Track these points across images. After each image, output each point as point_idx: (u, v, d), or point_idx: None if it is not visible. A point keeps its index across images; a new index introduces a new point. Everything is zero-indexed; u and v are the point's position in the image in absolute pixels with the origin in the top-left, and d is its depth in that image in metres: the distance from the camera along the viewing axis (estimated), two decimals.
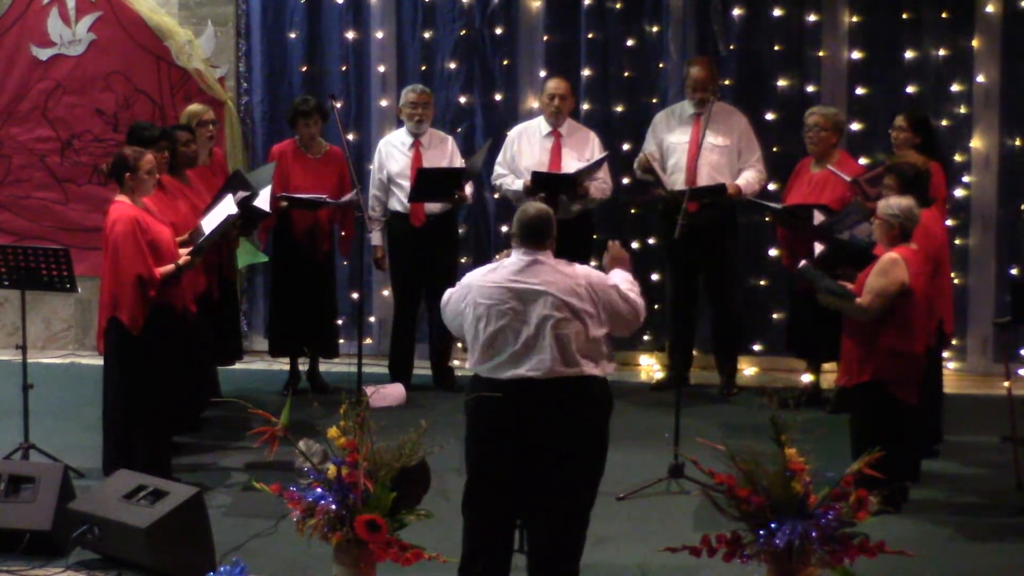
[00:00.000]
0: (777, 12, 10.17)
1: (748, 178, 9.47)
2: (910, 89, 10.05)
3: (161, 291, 7.39)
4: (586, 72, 10.34)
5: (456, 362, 9.94)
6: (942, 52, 10.05)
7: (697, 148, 9.21)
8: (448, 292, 5.99)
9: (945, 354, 8.88)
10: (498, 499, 5.76)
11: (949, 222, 9.59)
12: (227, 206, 7.84)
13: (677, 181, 9.42)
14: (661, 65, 10.31)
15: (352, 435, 5.62)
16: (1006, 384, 8.20)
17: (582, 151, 9.55)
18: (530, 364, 5.67)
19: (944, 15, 10.03)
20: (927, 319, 7.37)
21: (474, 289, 5.80)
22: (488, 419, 5.67)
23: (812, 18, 10.17)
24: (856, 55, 10.14)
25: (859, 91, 10.13)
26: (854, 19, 10.13)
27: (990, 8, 9.99)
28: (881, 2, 10.11)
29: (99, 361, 7.73)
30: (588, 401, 5.74)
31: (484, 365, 5.75)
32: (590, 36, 10.36)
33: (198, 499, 6.58)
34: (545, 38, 10.43)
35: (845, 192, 8.84)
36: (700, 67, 9.57)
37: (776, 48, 10.19)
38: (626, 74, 10.36)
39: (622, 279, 5.98)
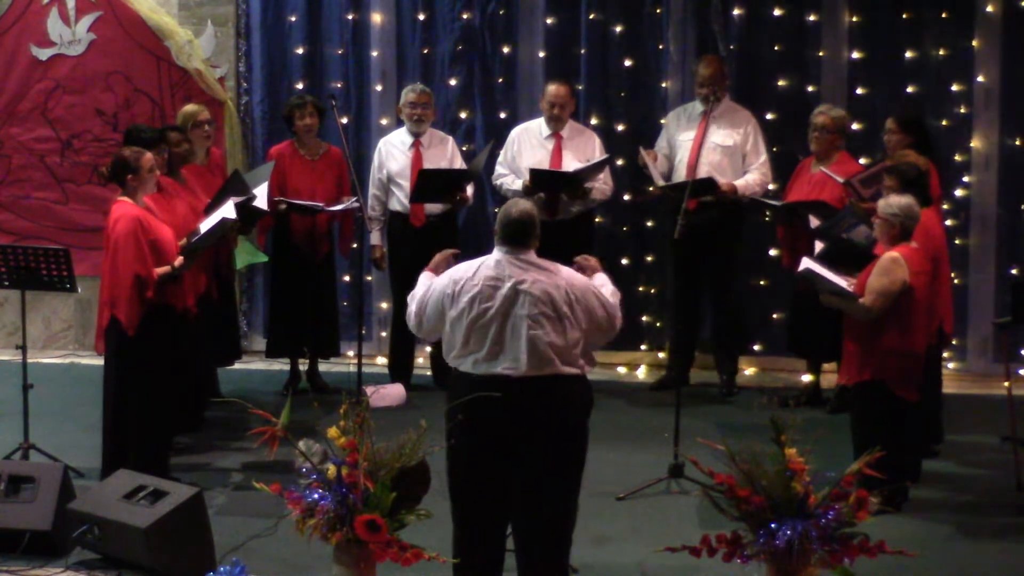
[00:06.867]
0: (777, 12, 10.17)
1: (748, 179, 9.43)
2: (910, 89, 10.05)
3: (160, 292, 7.38)
4: (585, 69, 10.33)
5: None
6: (942, 52, 10.06)
7: (699, 146, 9.19)
8: (418, 294, 5.95)
9: (945, 354, 8.87)
10: (483, 500, 5.76)
11: (948, 222, 9.60)
12: (226, 210, 7.83)
13: (681, 179, 9.39)
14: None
15: (352, 435, 5.62)
16: (1006, 384, 8.21)
17: (583, 153, 9.52)
18: (504, 362, 5.67)
19: (944, 15, 10.03)
20: (927, 318, 7.38)
21: (455, 285, 5.79)
22: (466, 418, 5.65)
23: (812, 18, 10.16)
24: (856, 55, 10.14)
25: (859, 91, 10.13)
26: (854, 19, 10.13)
27: (990, 8, 10.00)
28: (881, 2, 10.10)
29: (99, 361, 7.72)
30: (563, 400, 5.72)
31: (463, 361, 5.75)
32: (590, 38, 10.36)
33: (198, 499, 6.58)
34: (545, 41, 10.43)
35: (843, 191, 8.83)
36: (707, 65, 9.55)
37: (776, 48, 10.18)
38: (627, 65, 10.34)
39: (604, 281, 5.98)
